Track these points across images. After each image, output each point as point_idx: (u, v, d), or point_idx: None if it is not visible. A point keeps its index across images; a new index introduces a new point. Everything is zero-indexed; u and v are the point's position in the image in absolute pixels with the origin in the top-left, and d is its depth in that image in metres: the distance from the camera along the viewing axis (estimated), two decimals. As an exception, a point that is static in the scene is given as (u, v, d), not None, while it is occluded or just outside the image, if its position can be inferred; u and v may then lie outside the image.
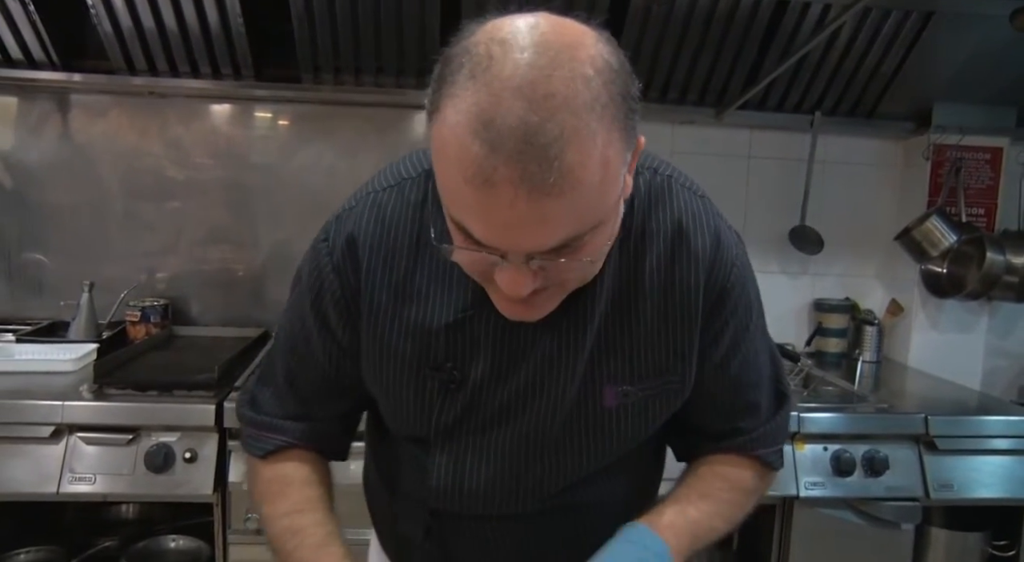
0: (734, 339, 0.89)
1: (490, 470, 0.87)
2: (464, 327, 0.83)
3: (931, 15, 2.09)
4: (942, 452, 1.83)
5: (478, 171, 0.60)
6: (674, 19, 2.06)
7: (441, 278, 0.83)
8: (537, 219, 0.62)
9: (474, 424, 0.86)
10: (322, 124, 2.34)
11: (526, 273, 0.66)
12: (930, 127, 2.33)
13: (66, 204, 2.29)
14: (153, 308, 2.19)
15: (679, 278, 0.84)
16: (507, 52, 0.61)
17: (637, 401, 0.86)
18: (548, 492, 0.89)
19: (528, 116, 0.59)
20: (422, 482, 0.90)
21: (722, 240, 0.86)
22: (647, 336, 0.85)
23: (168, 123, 2.30)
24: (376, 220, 0.84)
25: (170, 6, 1.96)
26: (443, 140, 0.63)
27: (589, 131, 0.60)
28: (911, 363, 2.43)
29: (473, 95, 0.61)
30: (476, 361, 0.83)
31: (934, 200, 2.37)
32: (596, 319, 0.83)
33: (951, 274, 2.36)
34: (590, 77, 0.61)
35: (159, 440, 1.64)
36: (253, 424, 0.96)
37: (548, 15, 0.66)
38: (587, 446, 0.87)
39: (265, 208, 2.36)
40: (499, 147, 0.59)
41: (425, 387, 0.85)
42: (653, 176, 0.86)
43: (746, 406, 0.94)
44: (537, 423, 0.85)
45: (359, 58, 2.15)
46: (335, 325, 0.87)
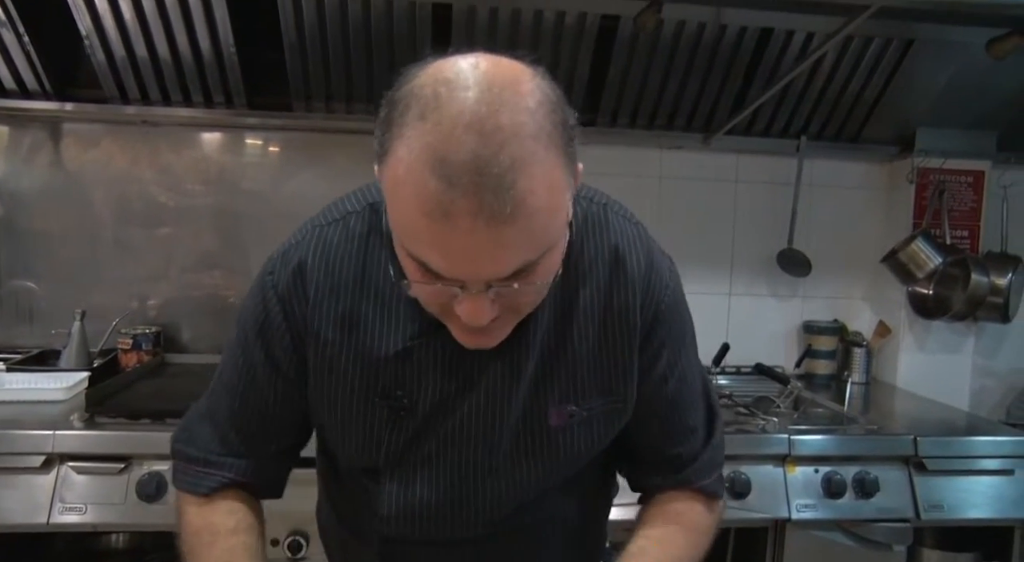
0: (670, 359, 0.93)
1: (441, 495, 0.89)
2: (411, 355, 0.85)
3: (911, 43, 2.14)
4: (932, 473, 1.84)
5: (436, 205, 0.63)
6: (661, 47, 2.10)
7: (387, 308, 0.85)
8: (495, 246, 0.65)
9: (424, 450, 0.88)
10: (313, 152, 2.36)
11: (485, 302, 0.69)
12: (913, 151, 2.37)
13: (57, 232, 2.29)
14: (145, 335, 2.18)
15: (616, 300, 0.88)
16: (453, 91, 0.64)
17: (581, 421, 0.89)
18: (499, 514, 0.91)
19: (480, 149, 0.62)
20: (373, 511, 0.91)
21: (655, 263, 0.90)
22: (588, 357, 0.88)
23: (160, 151, 2.32)
24: (322, 253, 0.87)
25: (163, 35, 1.99)
26: (398, 179, 0.65)
27: (537, 159, 0.64)
28: (899, 384, 2.45)
29: (425, 134, 0.63)
30: (424, 389, 0.86)
31: (919, 222, 2.40)
32: (539, 342, 0.86)
33: (937, 296, 2.39)
34: (533, 109, 0.65)
35: (151, 469, 1.63)
36: (188, 459, 0.95)
37: (486, 55, 0.69)
38: (535, 466, 0.90)
39: (256, 235, 2.37)
40: (455, 181, 0.62)
41: (374, 416, 0.87)
42: (589, 204, 0.90)
43: (684, 428, 0.97)
44: (485, 446, 0.87)
45: (350, 86, 2.18)
46: (281, 358, 0.89)
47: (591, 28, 2.04)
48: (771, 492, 1.79)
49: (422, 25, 2.01)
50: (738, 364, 2.46)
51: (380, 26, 2.00)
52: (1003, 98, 2.28)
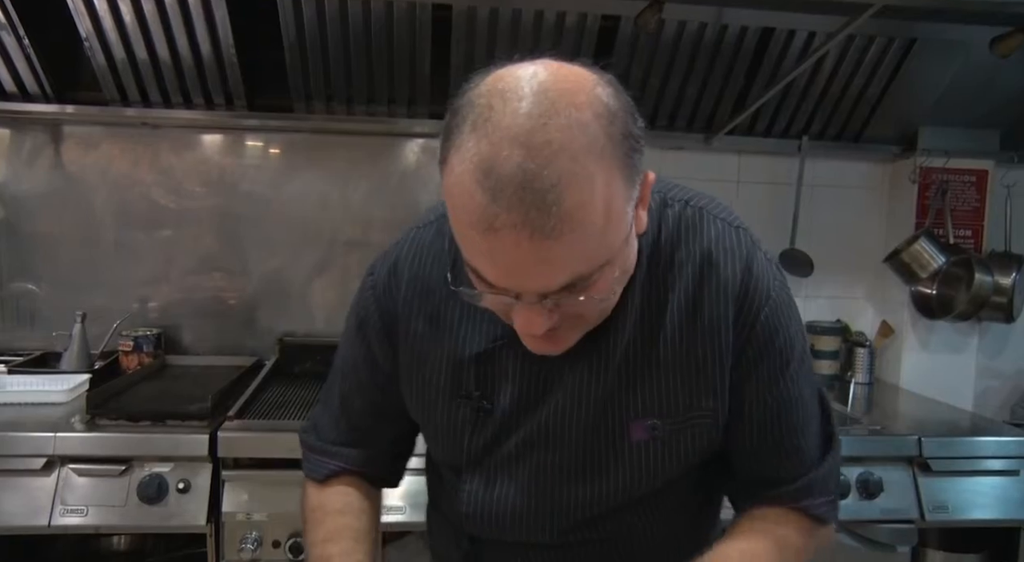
0: (771, 376, 0.86)
1: (517, 498, 0.89)
2: (493, 358, 0.86)
3: (914, 42, 2.13)
4: (936, 473, 1.83)
5: (482, 218, 0.63)
6: (662, 47, 2.09)
7: (472, 310, 0.86)
8: (541, 261, 0.64)
9: (503, 452, 0.89)
10: (314, 153, 2.36)
11: (539, 312, 0.69)
12: (916, 150, 2.36)
13: (58, 234, 2.29)
14: (146, 338, 2.18)
15: (707, 309, 0.83)
16: (507, 103, 0.64)
17: (665, 436, 0.85)
18: (574, 523, 0.89)
19: (525, 163, 0.62)
20: (456, 508, 0.93)
21: (755, 271, 0.84)
22: (674, 369, 0.84)
23: (160, 153, 2.31)
24: (415, 253, 0.91)
25: (163, 37, 1.99)
26: (450, 189, 0.66)
27: (588, 174, 0.63)
28: (903, 384, 2.44)
29: (475, 146, 0.64)
30: (504, 391, 0.86)
31: (922, 222, 2.39)
32: (621, 351, 0.83)
33: (940, 295, 2.38)
34: (587, 122, 0.64)
35: (152, 471, 1.63)
36: (310, 448, 1.03)
37: (550, 62, 0.68)
38: (613, 479, 0.87)
39: (257, 237, 2.36)
40: (499, 195, 0.62)
41: (457, 414, 0.89)
42: (684, 207, 0.86)
43: (788, 450, 0.90)
44: (562, 453, 0.87)
45: (350, 87, 2.18)
46: (377, 353, 0.94)
47: (592, 28, 2.04)
48: (774, 493, 1.78)
49: (422, 26, 2.00)
50: (740, 365, 2.45)
51: (380, 27, 2.00)
52: (1007, 96, 2.27)
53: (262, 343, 2.35)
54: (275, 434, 1.68)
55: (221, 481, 1.66)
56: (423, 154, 2.39)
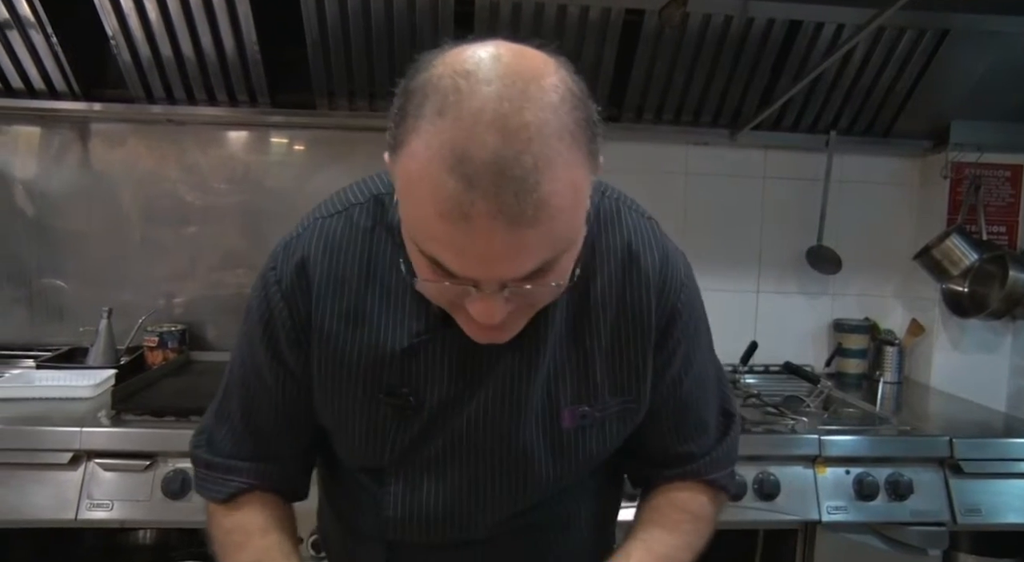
0: (686, 358, 0.91)
1: (448, 496, 0.87)
2: (418, 352, 0.82)
3: (946, 33, 2.08)
4: (968, 475, 1.79)
5: (454, 206, 0.60)
6: (687, 41, 2.07)
7: (393, 303, 0.82)
8: (515, 250, 0.62)
9: (431, 450, 0.86)
10: (337, 149, 2.36)
11: (499, 301, 0.67)
12: (948, 145, 2.31)
13: (86, 231, 2.31)
14: (171, 333, 2.20)
15: (631, 299, 0.85)
16: (473, 84, 0.61)
17: (595, 422, 0.87)
18: (507, 515, 0.89)
19: (503, 149, 0.59)
20: (378, 514, 0.89)
21: (670, 260, 0.88)
22: (602, 357, 0.86)
23: (185, 150, 2.33)
24: (324, 246, 0.84)
25: (188, 35, 2.00)
26: (411, 176, 0.63)
27: (561, 159, 0.61)
28: (933, 384, 2.39)
29: (444, 131, 0.60)
30: (432, 386, 0.83)
31: (953, 218, 2.34)
32: (551, 339, 0.83)
33: (973, 293, 2.33)
34: (556, 105, 0.62)
35: (176, 466, 1.63)
36: (208, 466, 0.94)
37: (506, 43, 0.66)
38: (546, 468, 0.87)
39: (281, 233, 2.30)
40: (476, 182, 0.59)
41: (378, 414, 0.84)
42: (601, 199, 0.87)
43: (696, 426, 0.95)
44: (495, 446, 0.85)
45: (373, 83, 2.17)
46: (287, 354, 0.86)
47: (616, 22, 2.01)
48: (800, 494, 1.75)
49: (444, 21, 1.99)
50: (766, 363, 2.42)
51: (402, 22, 1.99)
52: (1042, 89, 2.21)
53: (285, 339, 2.36)
54: (297, 430, 1.69)
55: (244, 477, 1.66)
56: (445, 150, 2.38)
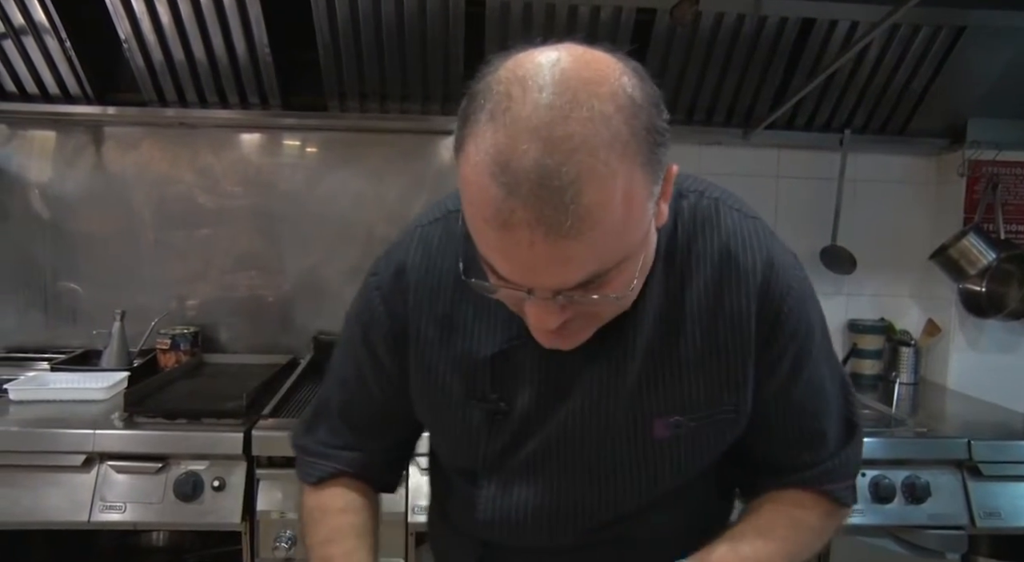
0: (794, 366, 0.85)
1: (538, 501, 0.86)
2: (509, 358, 0.83)
3: (963, 30, 2.06)
4: (987, 478, 1.76)
5: (496, 213, 0.61)
6: (699, 40, 2.05)
7: (486, 310, 0.83)
8: (557, 260, 0.62)
9: (521, 455, 0.86)
10: (349, 151, 2.36)
11: (553, 307, 0.67)
12: (964, 143, 2.28)
13: (99, 234, 2.33)
14: (183, 336, 2.21)
15: (728, 304, 0.81)
16: (526, 92, 0.61)
17: (688, 432, 0.83)
18: (598, 524, 0.87)
19: (544, 159, 0.58)
20: (471, 514, 0.90)
21: (775, 262, 0.82)
22: (696, 364, 0.82)
23: (198, 153, 2.34)
24: (422, 253, 0.86)
25: (199, 38, 2.01)
26: (466, 179, 0.64)
27: (609, 171, 0.60)
28: (950, 385, 2.36)
29: (492, 136, 0.61)
30: (522, 392, 0.83)
31: (970, 217, 2.31)
32: (641, 347, 0.81)
33: (991, 293, 2.29)
34: (610, 115, 0.60)
35: (188, 468, 1.64)
36: (305, 451, 0.99)
37: (573, 47, 0.65)
38: (637, 478, 0.85)
39: (293, 235, 2.38)
40: (515, 190, 0.59)
41: (472, 418, 0.85)
42: (699, 198, 0.84)
43: (811, 436, 0.90)
44: (585, 453, 0.84)
45: (384, 85, 2.17)
46: (384, 357, 0.89)
47: (627, 22, 2.00)
48: (816, 496, 1.73)
49: (455, 22, 1.99)
50: (780, 364, 2.39)
51: (413, 24, 1.99)
52: (1060, 86, 2.18)
53: (297, 341, 2.36)
54: (309, 432, 1.69)
55: (256, 480, 1.67)
56: (457, 152, 2.38)
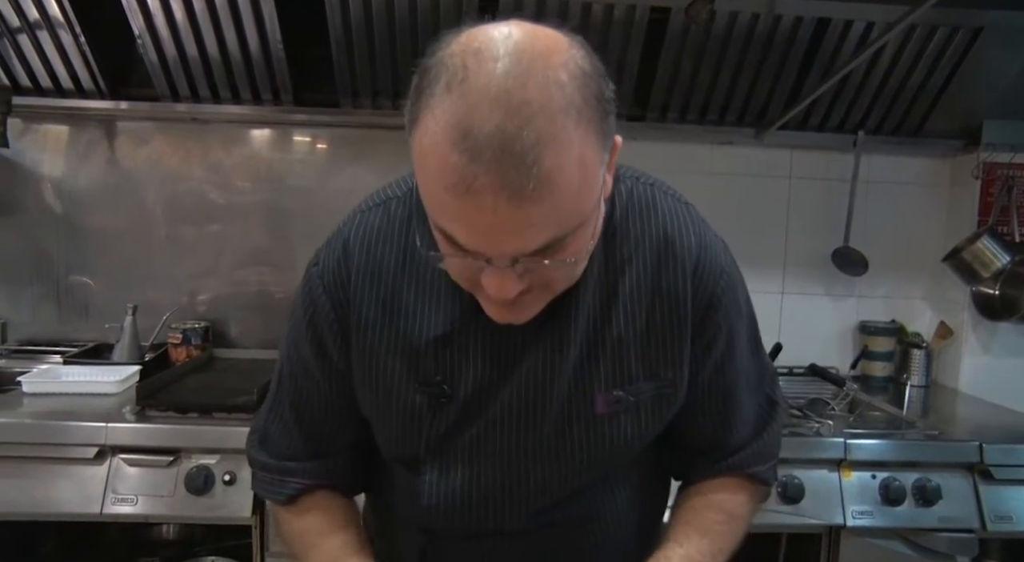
0: (727, 345, 0.90)
1: (483, 484, 0.87)
2: (452, 340, 0.83)
3: (980, 30, 2.04)
4: (999, 482, 1.76)
5: (459, 180, 0.61)
6: (713, 39, 2.04)
7: (429, 293, 0.83)
8: (519, 223, 0.63)
9: (465, 438, 0.86)
10: (360, 148, 2.36)
11: (511, 276, 0.68)
12: (980, 145, 2.26)
13: (112, 228, 2.34)
14: (194, 330, 2.22)
15: (666, 285, 0.85)
16: (482, 62, 0.63)
17: (629, 406, 0.86)
18: (544, 506, 0.88)
19: (505, 124, 0.60)
20: (414, 503, 0.90)
21: (708, 246, 0.87)
22: (635, 341, 0.85)
23: (210, 148, 2.35)
24: (363, 238, 0.86)
25: (212, 34, 2.01)
26: (423, 151, 0.65)
27: (565, 136, 0.62)
28: (962, 388, 2.35)
29: (450, 106, 0.62)
30: (465, 374, 0.84)
31: (984, 220, 2.30)
32: (582, 326, 0.83)
33: (1004, 296, 2.28)
34: (564, 82, 0.63)
35: (199, 462, 1.65)
36: (264, 467, 0.96)
37: (522, 23, 0.67)
38: (580, 455, 0.87)
39: (303, 231, 2.38)
40: (478, 156, 0.61)
41: (414, 403, 0.85)
42: (635, 183, 0.87)
43: (740, 418, 0.95)
44: (529, 433, 0.85)
45: (396, 82, 2.17)
46: (331, 348, 0.88)
47: (641, 20, 2.00)
48: (825, 498, 1.73)
49: (468, 19, 1.98)
50: (791, 365, 2.39)
51: (426, 21, 1.99)
52: (1077, 88, 2.16)
53: (307, 337, 2.36)
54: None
55: (266, 474, 1.67)
56: (468, 149, 2.38)
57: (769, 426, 0.97)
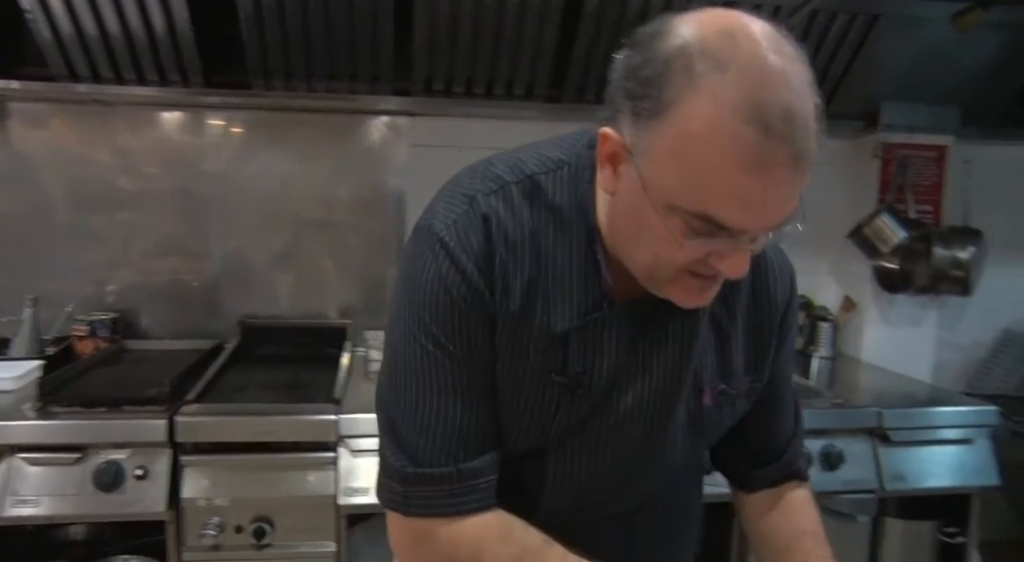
0: (789, 347, 0.97)
1: (604, 471, 0.88)
2: (589, 331, 0.82)
3: (877, 18, 2.13)
4: (895, 444, 1.87)
5: (755, 155, 0.64)
6: (628, 20, 2.06)
7: (561, 283, 0.82)
8: (792, 194, 0.68)
9: (593, 428, 0.86)
10: (275, 131, 2.30)
11: (747, 253, 0.72)
12: (878, 126, 2.38)
13: (6, 215, 2.21)
14: (102, 322, 2.12)
15: (759, 283, 0.91)
16: (743, 42, 0.66)
17: (728, 400, 0.91)
18: (650, 490, 0.93)
19: (792, 98, 0.64)
20: (525, 491, 0.88)
21: (783, 250, 0.95)
22: (738, 337, 0.90)
23: (115, 132, 2.24)
24: (497, 224, 0.80)
25: (112, 11, 1.92)
26: (700, 133, 0.65)
27: (817, 109, 0.68)
28: (864, 358, 2.47)
29: (733, 86, 0.64)
30: (600, 366, 0.84)
31: (884, 198, 2.41)
32: (702, 321, 0.86)
33: (901, 270, 2.41)
34: (801, 60, 0.68)
35: (108, 458, 1.59)
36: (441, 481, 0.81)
37: (722, 9, 0.70)
38: (688, 444, 0.91)
39: (218, 217, 2.31)
40: (774, 131, 0.63)
41: (548, 393, 0.83)
42: None
43: (785, 415, 1.01)
44: (655, 424, 0.87)
45: (311, 63, 2.12)
46: (479, 334, 0.80)
47: (556, 3, 2.00)
48: (739, 467, 1.80)
49: (382, 1, 1.95)
50: (706, 341, 2.46)
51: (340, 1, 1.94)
52: (966, 73, 2.29)
53: (224, 326, 2.30)
54: (236, 418, 1.66)
55: (180, 466, 1.63)
56: (387, 131, 2.35)
57: (800, 420, 1.04)
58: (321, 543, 1.67)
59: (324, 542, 1.67)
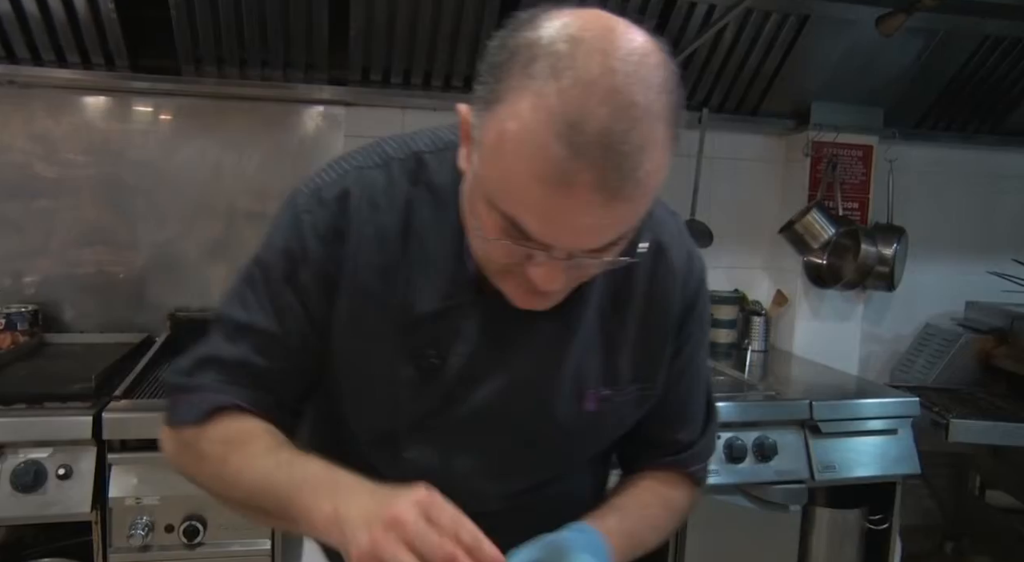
0: (692, 351, 0.94)
1: (466, 467, 0.86)
2: (449, 316, 0.81)
3: (807, 18, 2.19)
4: (825, 435, 1.93)
5: (556, 172, 0.60)
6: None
7: (427, 265, 0.80)
8: (603, 223, 0.64)
9: (451, 419, 0.84)
10: (206, 119, 2.23)
11: (560, 268, 0.68)
12: (808, 125, 2.44)
13: (-85, 204, 2.09)
14: (20, 315, 2.02)
15: (658, 291, 0.88)
16: (590, 54, 0.61)
17: (614, 406, 0.89)
18: (521, 488, 0.90)
19: (613, 123, 0.60)
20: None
21: (694, 257, 0.92)
22: (628, 344, 0.88)
23: (34, 116, 2.13)
24: (365, 196, 0.81)
25: (31, -12, 1.82)
26: (513, 135, 0.62)
27: (662, 142, 0.63)
28: (796, 351, 2.55)
29: (555, 94, 0.60)
30: (456, 352, 0.82)
31: (814, 195, 2.49)
32: (586, 320, 0.84)
33: (830, 265, 2.49)
34: (659, 87, 0.63)
35: (28, 457, 1.52)
36: (185, 389, 0.84)
37: (614, 17, 0.66)
38: (563, 448, 0.89)
39: (146, 207, 2.23)
40: (583, 152, 0.59)
41: (400, 375, 0.82)
42: None
43: (690, 417, 0.99)
44: (516, 422, 0.85)
45: (243, 49, 2.06)
46: (312, 298, 0.81)
47: (497, -6, 2.00)
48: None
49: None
50: (644, 334, 2.49)
51: (274, -15, 1.89)
52: (890, 75, 2.37)
53: (152, 319, 2.22)
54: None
55: (107, 465, 1.56)
56: (322, 121, 2.30)
57: (709, 427, 1.01)
58: (255, 541, 1.63)
59: (259, 540, 1.64)
